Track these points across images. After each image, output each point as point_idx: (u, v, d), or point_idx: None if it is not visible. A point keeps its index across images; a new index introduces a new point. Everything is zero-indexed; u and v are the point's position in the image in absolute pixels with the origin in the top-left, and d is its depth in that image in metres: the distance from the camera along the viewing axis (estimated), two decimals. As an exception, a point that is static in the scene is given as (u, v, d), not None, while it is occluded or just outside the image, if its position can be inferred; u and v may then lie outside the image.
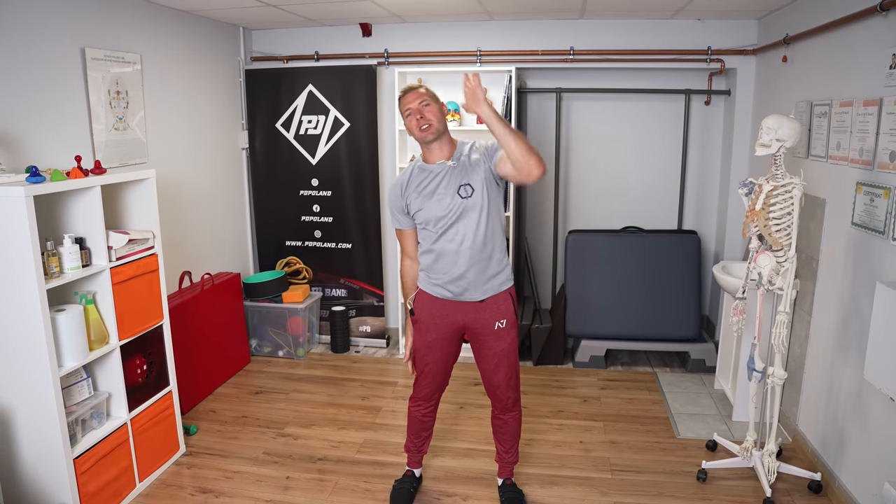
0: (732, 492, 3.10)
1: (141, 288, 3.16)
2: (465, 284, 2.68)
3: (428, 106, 2.63)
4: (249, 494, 3.15)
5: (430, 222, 2.68)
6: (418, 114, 2.62)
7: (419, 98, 2.64)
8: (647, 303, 4.56)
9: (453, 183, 2.64)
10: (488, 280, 2.70)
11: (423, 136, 2.63)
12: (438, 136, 2.65)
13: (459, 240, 2.64)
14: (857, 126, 2.88)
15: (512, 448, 3.02)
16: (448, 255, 2.66)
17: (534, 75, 5.02)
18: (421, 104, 2.63)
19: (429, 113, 2.62)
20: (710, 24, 4.51)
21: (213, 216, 4.72)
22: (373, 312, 5.18)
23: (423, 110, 2.62)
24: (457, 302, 2.72)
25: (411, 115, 2.64)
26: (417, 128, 2.63)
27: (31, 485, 2.75)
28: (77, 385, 2.92)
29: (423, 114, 2.62)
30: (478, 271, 2.66)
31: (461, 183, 2.63)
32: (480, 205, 2.63)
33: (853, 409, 2.90)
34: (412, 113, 2.63)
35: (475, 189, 2.62)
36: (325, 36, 4.97)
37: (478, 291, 2.69)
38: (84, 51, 3.33)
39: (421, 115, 2.62)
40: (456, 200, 2.62)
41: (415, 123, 2.63)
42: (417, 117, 2.62)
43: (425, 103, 2.64)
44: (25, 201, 2.45)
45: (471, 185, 2.63)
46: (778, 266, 2.91)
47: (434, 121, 2.62)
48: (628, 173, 5.07)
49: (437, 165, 2.69)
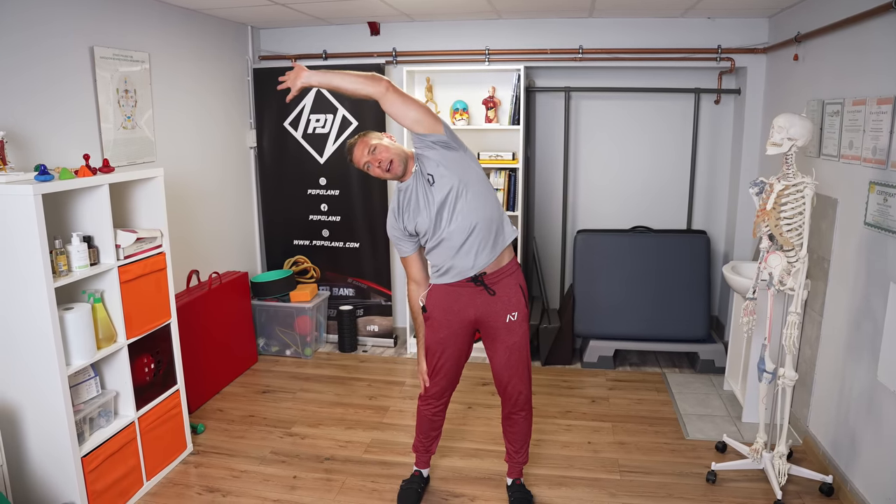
0: (742, 494, 3.08)
1: (149, 286, 3.16)
2: (472, 252, 2.66)
3: (375, 150, 2.65)
4: (257, 494, 3.15)
5: (427, 230, 2.71)
6: (375, 162, 2.64)
7: (364, 147, 2.66)
8: (656, 303, 4.54)
9: (422, 181, 2.68)
10: (494, 240, 2.69)
11: (395, 174, 2.67)
12: (404, 163, 2.68)
13: (452, 222, 2.64)
14: (871, 125, 2.85)
15: (522, 448, 3.00)
16: (448, 240, 2.67)
17: (542, 74, 5.00)
18: (369, 152, 2.65)
19: (382, 153, 2.64)
20: (721, 22, 4.48)
21: (221, 215, 4.72)
22: (380, 312, 5.17)
23: (375, 156, 2.64)
24: (469, 292, 2.72)
25: (370, 166, 2.66)
26: (384, 171, 2.65)
27: (39, 483, 2.75)
28: (85, 383, 2.92)
29: (378, 158, 2.63)
30: (477, 235, 2.65)
31: (426, 178, 2.67)
32: (450, 183, 2.63)
33: (865, 410, 2.87)
34: (370, 164, 2.66)
35: (434, 175, 2.64)
36: (333, 35, 4.96)
37: (487, 255, 2.68)
38: (92, 49, 3.33)
39: (378, 162, 2.63)
40: (432, 194, 2.65)
41: (378, 172, 2.66)
42: (376, 165, 2.64)
43: (371, 149, 2.65)
44: (34, 199, 2.46)
45: (433, 175, 2.64)
46: (789, 266, 2.88)
47: (391, 154, 2.64)
48: (637, 173, 5.04)
49: (410, 179, 2.72)
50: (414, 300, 2.91)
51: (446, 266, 2.73)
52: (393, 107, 2.57)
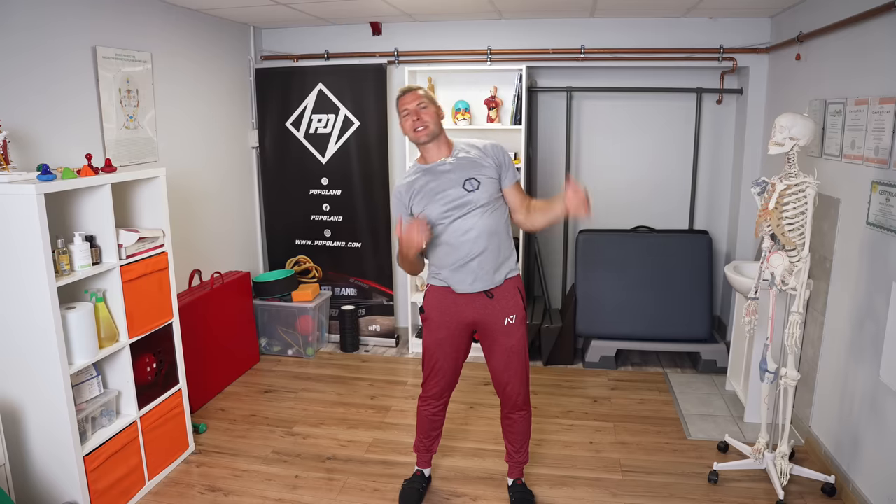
0: (744, 494, 3.07)
1: (151, 286, 3.16)
2: (472, 275, 2.68)
3: (425, 108, 2.67)
4: (258, 493, 3.15)
5: (437, 216, 2.68)
6: (415, 115, 2.65)
7: (417, 100, 2.67)
8: (657, 303, 4.53)
9: (459, 177, 2.67)
10: (495, 271, 2.70)
11: (417, 136, 2.67)
12: (432, 137, 2.69)
13: (464, 230, 2.64)
14: (873, 124, 2.85)
15: (522, 448, 3.00)
16: (455, 247, 2.66)
17: (544, 74, 5.00)
18: (418, 106, 2.66)
19: (425, 115, 2.66)
20: (722, 22, 4.48)
21: (223, 215, 4.72)
22: (382, 312, 5.17)
23: (420, 112, 2.65)
24: (466, 296, 2.72)
25: (408, 115, 2.67)
26: (412, 129, 2.66)
27: (42, 482, 2.76)
28: (87, 383, 2.93)
29: (420, 115, 2.65)
30: (483, 261, 2.67)
31: (467, 177, 2.66)
32: (486, 199, 2.66)
33: (868, 410, 2.87)
34: (409, 114, 2.67)
35: (481, 183, 2.66)
36: (335, 35, 4.97)
37: (485, 282, 2.69)
38: (95, 49, 3.34)
39: (417, 116, 2.65)
40: (462, 193, 2.64)
41: (410, 124, 2.67)
42: (414, 118, 2.65)
43: (423, 105, 2.66)
44: (36, 199, 2.46)
45: (476, 179, 2.66)
46: (791, 266, 2.88)
47: (430, 123, 2.66)
48: (639, 172, 5.03)
49: (439, 164, 2.71)
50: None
51: (444, 276, 2.74)
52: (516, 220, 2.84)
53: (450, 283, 2.74)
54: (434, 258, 2.77)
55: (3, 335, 2.64)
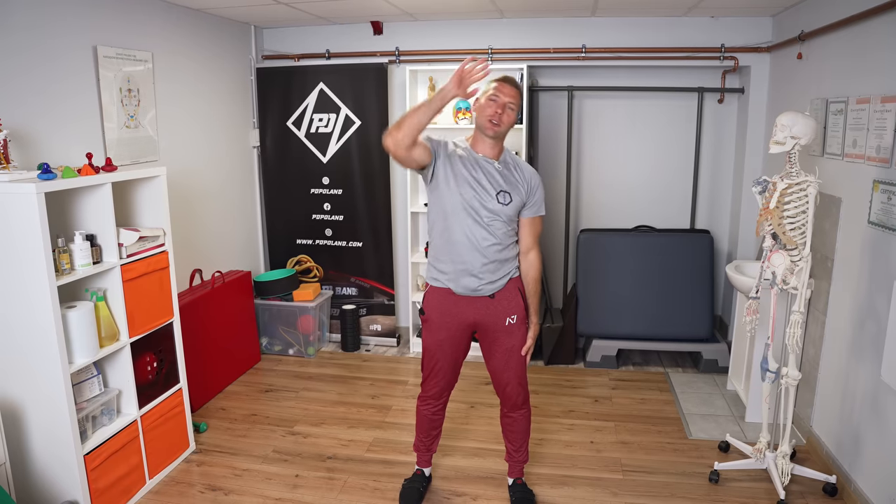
0: (745, 494, 3.07)
1: (151, 285, 3.16)
2: (475, 281, 2.67)
3: (512, 110, 2.61)
4: (259, 492, 3.15)
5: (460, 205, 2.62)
6: (500, 108, 2.58)
7: (511, 97, 2.60)
8: (659, 302, 4.53)
9: (495, 185, 2.64)
10: (498, 279, 2.70)
11: (486, 127, 2.60)
12: (497, 137, 2.65)
13: (482, 238, 2.63)
14: (875, 123, 2.84)
15: (521, 447, 3.00)
16: (464, 249, 2.64)
17: (545, 73, 5.00)
18: (508, 104, 2.60)
19: (507, 116, 2.60)
20: (724, 21, 4.47)
21: (224, 214, 4.72)
22: (383, 311, 5.17)
23: (506, 109, 2.60)
24: (467, 297, 2.72)
25: (493, 103, 2.58)
26: (489, 118, 2.58)
27: (42, 481, 2.76)
28: (87, 382, 2.93)
29: (504, 111, 2.59)
30: (490, 270, 2.66)
31: (502, 189, 2.64)
32: (509, 214, 2.66)
33: (869, 410, 2.86)
34: (496, 104, 2.58)
35: (512, 200, 2.65)
36: (336, 34, 4.97)
37: (487, 288, 2.69)
38: (96, 49, 3.34)
39: (502, 110, 2.58)
40: (491, 201, 2.62)
41: (490, 113, 2.58)
42: (498, 111, 2.58)
43: (511, 106, 2.61)
44: (37, 198, 2.46)
45: (510, 194, 2.65)
46: (792, 265, 2.87)
47: (504, 126, 2.62)
48: (640, 172, 5.03)
49: (484, 160, 2.66)
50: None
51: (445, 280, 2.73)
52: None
53: (451, 287, 2.72)
54: (439, 249, 2.73)
55: (4, 334, 2.64)
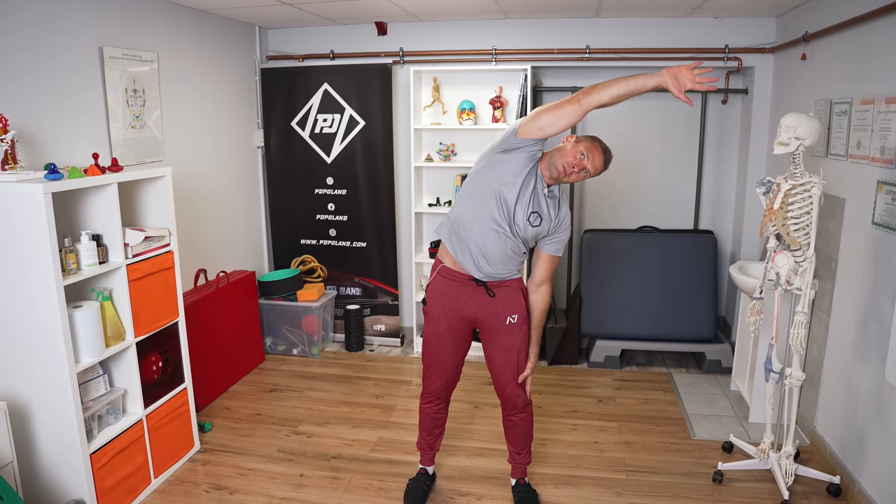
0: (749, 494, 3.07)
1: (157, 285, 3.17)
2: (482, 269, 2.69)
3: (583, 176, 2.64)
4: (263, 492, 3.16)
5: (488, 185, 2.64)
6: (577, 167, 2.60)
7: (593, 171, 2.63)
8: (662, 303, 4.53)
9: (534, 205, 2.65)
10: (497, 272, 2.72)
11: (554, 172, 2.63)
12: (555, 182, 2.69)
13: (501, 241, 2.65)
14: (879, 124, 2.84)
15: (523, 450, 3.00)
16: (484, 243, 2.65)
17: (549, 74, 5.00)
18: (585, 170, 2.61)
19: (575, 177, 2.62)
20: (728, 22, 4.47)
21: (229, 214, 4.74)
22: (387, 311, 5.18)
23: (579, 174, 2.62)
24: (469, 290, 2.73)
25: (577, 161, 2.59)
26: (565, 172, 2.61)
27: (49, 479, 2.77)
28: (93, 381, 2.94)
29: (578, 173, 2.61)
30: (499, 263, 2.68)
31: (535, 210, 2.66)
32: (527, 235, 2.68)
33: (873, 411, 2.86)
34: (578, 163, 2.59)
35: (537, 227, 2.68)
36: (340, 34, 4.98)
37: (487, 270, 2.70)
38: (102, 49, 3.35)
39: (577, 170, 2.60)
40: (522, 217, 2.64)
41: (568, 162, 2.59)
42: (574, 168, 2.59)
43: (585, 174, 2.63)
44: (44, 198, 2.47)
45: (541, 220, 2.67)
46: (796, 266, 2.88)
47: (566, 182, 2.66)
48: (644, 172, 5.03)
49: (541, 179, 2.68)
50: None
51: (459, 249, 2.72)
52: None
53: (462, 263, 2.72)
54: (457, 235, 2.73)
55: (11, 334, 2.66)
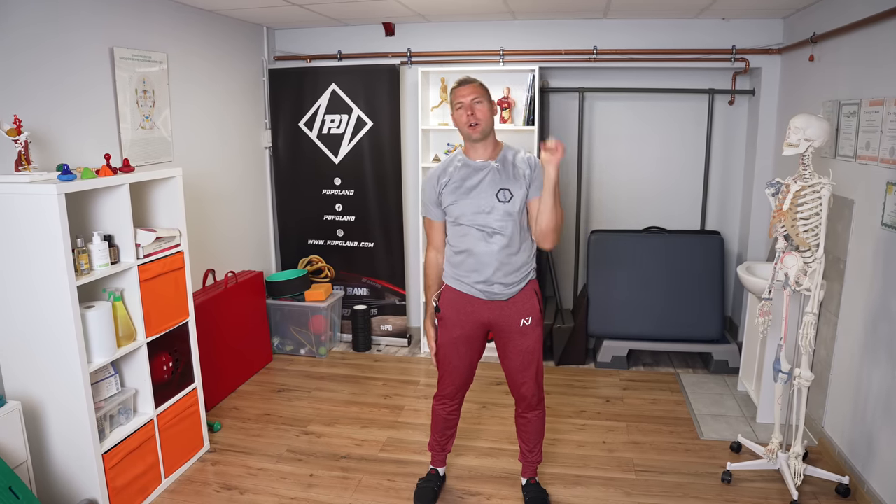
0: (757, 494, 3.08)
1: (167, 285, 3.19)
2: (493, 287, 2.68)
3: (480, 103, 2.61)
4: (273, 491, 3.17)
5: (463, 216, 2.66)
6: (469, 109, 2.59)
7: (473, 94, 2.60)
8: (669, 303, 4.54)
9: (494, 185, 2.64)
10: (515, 283, 2.71)
11: (470, 132, 2.61)
12: (484, 136, 2.64)
13: (492, 242, 2.64)
14: (888, 125, 2.85)
15: (535, 447, 3.01)
16: (479, 257, 2.66)
17: (557, 75, 5.01)
18: (473, 100, 2.59)
19: (479, 112, 2.60)
20: (735, 23, 4.47)
21: (237, 214, 4.75)
22: (395, 311, 5.19)
23: (475, 107, 2.59)
24: (483, 300, 2.73)
25: (462, 108, 2.60)
26: (466, 123, 2.60)
27: (62, 479, 2.79)
28: (105, 381, 2.96)
29: (474, 111, 2.59)
30: (506, 273, 2.67)
31: (502, 187, 2.63)
32: (516, 210, 2.64)
33: (882, 411, 2.87)
34: (463, 107, 2.60)
35: (514, 195, 2.63)
36: (348, 35, 4.99)
37: (504, 293, 2.70)
38: (112, 50, 3.37)
39: (472, 111, 2.59)
40: (494, 203, 2.62)
41: (464, 119, 2.60)
42: (468, 113, 2.59)
43: (478, 100, 2.60)
44: (57, 199, 2.49)
45: (510, 191, 2.63)
46: (805, 267, 2.88)
47: (483, 121, 2.61)
48: (651, 173, 5.04)
49: (480, 163, 2.67)
50: (430, 266, 2.86)
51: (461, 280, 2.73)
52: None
53: (468, 290, 2.73)
54: (456, 261, 2.74)
55: (25, 334, 2.67)
